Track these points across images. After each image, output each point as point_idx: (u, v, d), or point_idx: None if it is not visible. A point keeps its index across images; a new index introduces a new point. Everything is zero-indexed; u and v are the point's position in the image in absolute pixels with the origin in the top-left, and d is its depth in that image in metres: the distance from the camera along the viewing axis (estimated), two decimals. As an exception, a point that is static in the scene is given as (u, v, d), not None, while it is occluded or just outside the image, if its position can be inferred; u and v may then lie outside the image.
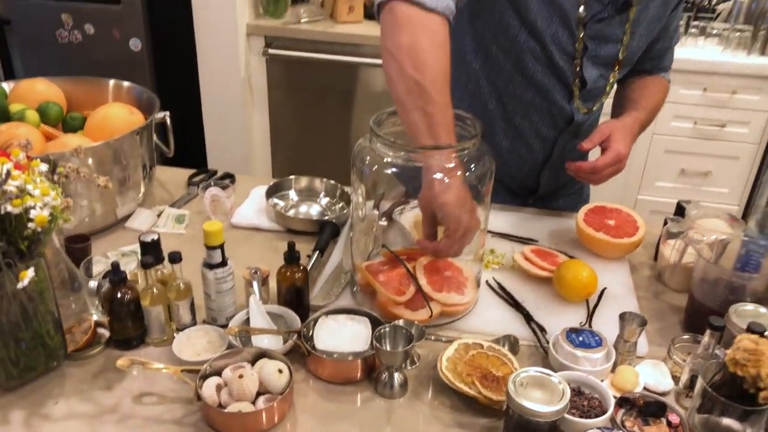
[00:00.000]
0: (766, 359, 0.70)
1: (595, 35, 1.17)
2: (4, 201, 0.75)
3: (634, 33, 1.20)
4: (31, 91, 1.33)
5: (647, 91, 1.33)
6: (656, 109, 1.34)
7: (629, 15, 1.17)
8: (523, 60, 1.17)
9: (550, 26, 1.13)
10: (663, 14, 1.24)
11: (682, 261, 1.10)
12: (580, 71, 1.19)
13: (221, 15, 2.55)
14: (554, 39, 1.14)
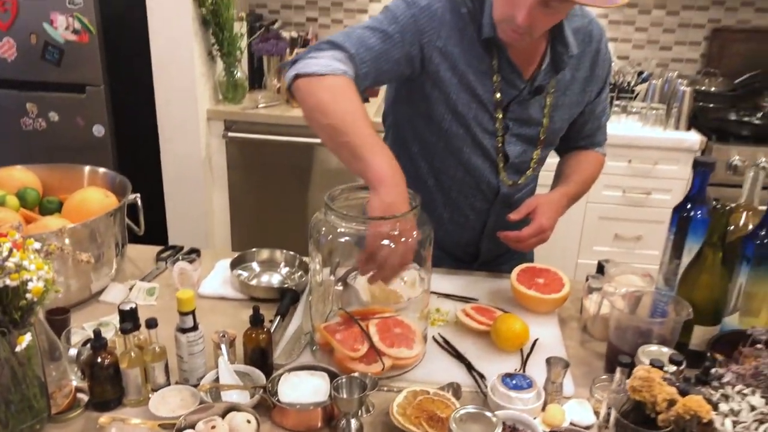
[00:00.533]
0: (657, 384, 0.85)
1: (517, 117, 1.35)
2: (3, 275, 0.86)
3: (553, 116, 1.39)
4: (8, 177, 1.44)
5: (580, 166, 1.50)
6: (589, 181, 1.51)
7: (546, 101, 1.37)
8: (451, 142, 1.34)
9: (470, 111, 1.31)
10: (582, 100, 1.42)
11: (601, 312, 1.26)
12: (502, 147, 1.36)
13: (183, 101, 2.72)
14: (476, 121, 1.32)
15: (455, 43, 1.28)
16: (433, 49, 1.27)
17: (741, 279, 1.15)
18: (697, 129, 2.73)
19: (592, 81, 1.40)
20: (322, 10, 3.23)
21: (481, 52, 1.29)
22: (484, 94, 1.31)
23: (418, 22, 1.25)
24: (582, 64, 1.37)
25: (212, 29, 2.71)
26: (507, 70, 1.31)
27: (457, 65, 1.29)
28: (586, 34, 1.35)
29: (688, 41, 3.11)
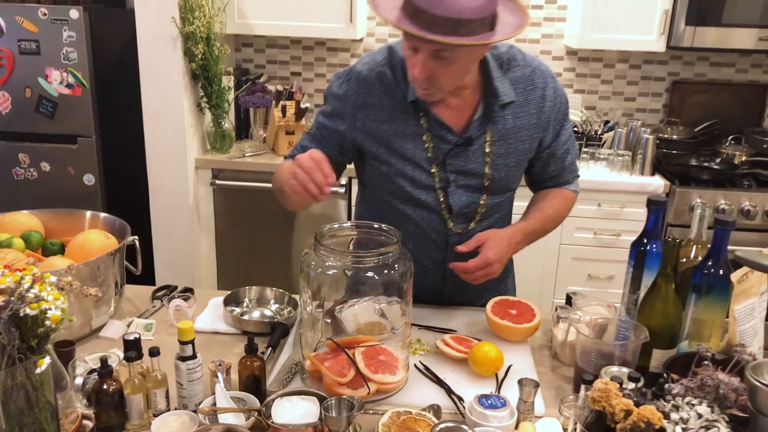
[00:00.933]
0: (614, 395, 0.95)
1: (457, 170, 1.42)
2: (24, 305, 0.94)
3: (496, 165, 1.43)
4: (13, 221, 1.53)
5: (542, 203, 1.55)
6: (553, 216, 1.55)
7: (486, 150, 1.41)
8: (397, 200, 1.46)
9: (405, 172, 1.42)
10: (531, 147, 1.45)
11: (568, 339, 1.37)
12: (445, 200, 1.43)
13: (173, 151, 2.84)
14: (413, 180, 1.42)
15: (376, 117, 1.41)
16: (354, 130, 1.43)
17: (691, 307, 1.27)
18: (661, 174, 2.90)
19: (539, 127, 1.44)
20: (305, 65, 3.40)
21: (411, 114, 1.39)
22: (417, 153, 1.41)
23: (339, 109, 1.44)
24: (525, 111, 1.42)
25: (201, 83, 2.85)
26: (436, 128, 1.40)
27: (381, 135, 1.42)
28: (528, 82, 1.41)
29: (651, 93, 3.32)
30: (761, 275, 1.26)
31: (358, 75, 1.42)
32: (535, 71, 1.43)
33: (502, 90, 1.38)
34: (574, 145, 1.57)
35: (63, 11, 2.76)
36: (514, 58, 1.41)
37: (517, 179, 1.52)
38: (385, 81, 1.40)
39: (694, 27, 2.81)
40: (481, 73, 1.39)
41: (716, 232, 1.24)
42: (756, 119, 3.27)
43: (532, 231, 1.50)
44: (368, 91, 1.41)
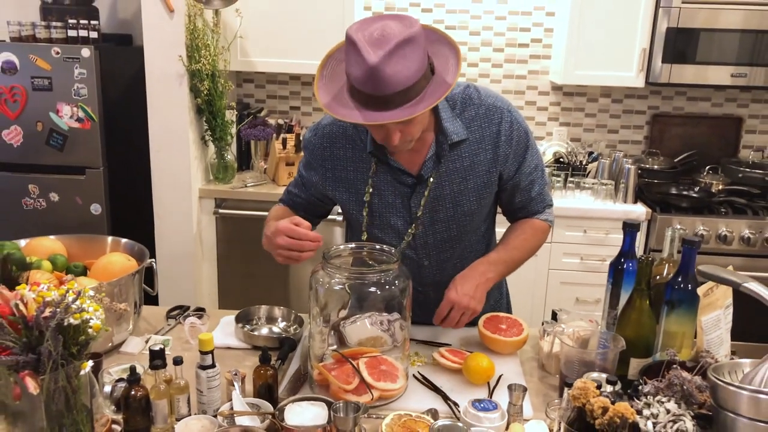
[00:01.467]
0: (591, 393, 1.07)
1: (423, 213, 1.53)
2: (68, 315, 1.06)
3: (458, 200, 1.52)
4: (39, 245, 1.65)
5: (510, 234, 1.63)
6: (519, 246, 1.60)
7: (446, 189, 1.51)
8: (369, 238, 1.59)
9: (372, 222, 1.57)
10: (490, 180, 1.53)
11: (554, 351, 1.49)
12: (414, 241, 1.57)
13: (178, 182, 2.96)
14: (381, 224, 1.58)
15: (342, 167, 1.56)
16: (326, 180, 1.59)
17: (663, 319, 1.40)
18: (643, 202, 3.05)
19: (497, 161, 1.51)
20: (304, 100, 3.56)
21: (368, 160, 1.53)
22: (382, 198, 1.53)
23: (312, 161, 1.60)
24: (482, 147, 1.50)
25: (206, 117, 3.00)
26: (395, 173, 1.51)
27: (344, 185, 1.57)
28: (483, 120, 1.49)
29: (632, 125, 3.49)
30: (726, 290, 1.39)
31: (323, 129, 1.57)
32: (489, 108, 1.50)
33: (452, 130, 1.47)
34: (542, 175, 1.62)
35: (75, 50, 2.92)
36: (470, 98, 1.50)
37: (482, 214, 1.59)
38: (347, 133, 1.54)
39: (670, 64, 3.00)
40: (433, 116, 1.48)
41: (684, 251, 1.38)
42: (732, 150, 3.45)
43: (498, 260, 1.56)
44: (333, 143, 1.55)
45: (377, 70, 1.22)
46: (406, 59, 1.24)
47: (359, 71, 1.24)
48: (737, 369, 1.15)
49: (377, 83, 1.23)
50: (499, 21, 3.37)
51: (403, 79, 1.24)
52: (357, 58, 1.23)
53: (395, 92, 1.25)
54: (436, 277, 1.62)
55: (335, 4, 3.04)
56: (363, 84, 1.25)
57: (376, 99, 1.26)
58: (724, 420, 1.07)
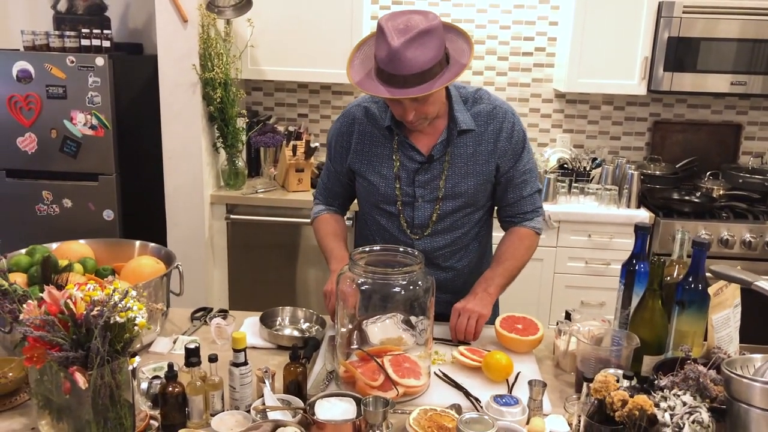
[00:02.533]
0: (612, 386, 1.13)
1: (423, 184, 1.70)
2: (114, 313, 1.12)
3: (457, 182, 1.69)
4: (69, 249, 1.71)
5: (502, 245, 1.78)
6: (514, 255, 1.75)
7: (444, 167, 1.69)
8: (373, 210, 1.79)
9: (379, 184, 1.73)
10: (489, 170, 1.70)
11: (569, 349, 1.55)
12: (403, 212, 1.73)
13: (190, 189, 3.02)
14: (381, 193, 1.74)
15: (360, 140, 1.75)
16: (351, 152, 1.76)
17: (675, 318, 1.46)
18: (646, 207, 3.12)
19: (496, 153, 1.69)
20: (311, 107, 3.62)
21: (387, 136, 1.72)
22: (388, 170, 1.72)
23: (336, 145, 1.80)
24: (484, 139, 1.69)
25: (218, 124, 3.06)
26: (406, 148, 1.70)
27: (364, 155, 1.74)
28: (489, 116, 1.69)
29: (634, 132, 3.57)
30: (735, 289, 1.46)
31: (348, 111, 1.80)
32: (496, 108, 1.71)
33: (461, 119, 1.68)
34: (535, 180, 1.79)
35: (89, 59, 2.98)
36: (480, 97, 1.72)
37: (476, 198, 1.74)
38: (368, 112, 1.75)
39: (671, 72, 3.07)
40: (446, 106, 1.68)
41: (694, 253, 1.44)
42: (731, 156, 3.52)
43: (494, 274, 1.72)
44: (355, 119, 1.77)
45: (398, 53, 1.44)
46: (424, 47, 1.45)
47: (384, 53, 1.46)
48: (749, 363, 1.20)
49: (397, 64, 1.45)
50: (504, 30, 3.44)
51: (420, 63, 1.45)
52: (383, 42, 1.46)
53: (412, 74, 1.46)
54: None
55: (344, 14, 3.11)
56: (386, 64, 1.47)
57: (396, 78, 1.47)
58: (737, 411, 1.12)
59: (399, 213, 1.74)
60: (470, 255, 1.82)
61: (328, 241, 1.81)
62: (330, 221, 1.87)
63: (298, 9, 3.11)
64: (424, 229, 1.75)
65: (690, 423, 1.11)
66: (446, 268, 1.79)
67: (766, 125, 3.51)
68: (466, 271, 1.82)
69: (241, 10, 2.95)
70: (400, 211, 1.74)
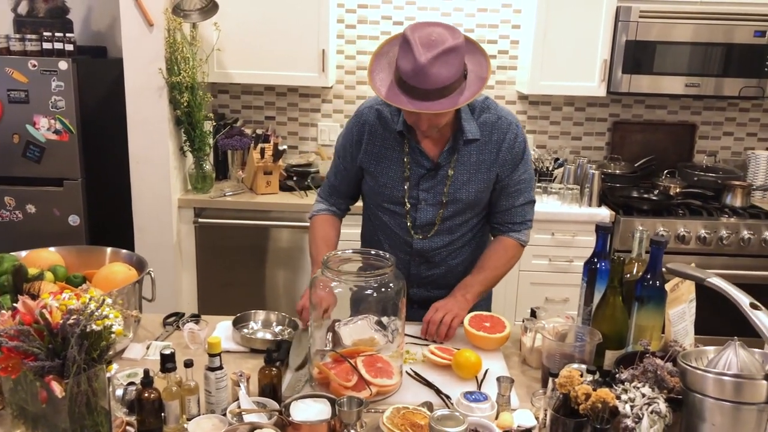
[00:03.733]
0: (576, 380, 1.19)
1: (427, 189, 1.78)
2: (91, 322, 1.13)
3: (459, 188, 1.76)
4: (39, 257, 1.70)
5: (485, 254, 1.84)
6: (494, 266, 1.82)
7: (449, 173, 1.76)
8: (379, 210, 1.86)
9: (387, 184, 1.80)
10: (489, 178, 1.77)
11: (535, 345, 1.60)
12: (410, 211, 1.80)
13: (157, 193, 3.01)
14: (390, 194, 1.81)
15: (371, 141, 1.80)
16: (361, 152, 1.81)
17: (635, 314, 1.52)
18: (607, 205, 3.22)
19: (497, 163, 1.76)
20: (279, 110, 3.63)
21: (398, 140, 1.78)
22: (397, 173, 1.78)
23: (346, 144, 1.85)
24: (488, 149, 1.75)
25: (184, 128, 3.05)
26: (417, 155, 1.76)
27: (374, 155, 1.80)
28: (492, 126, 1.75)
29: (595, 132, 3.67)
30: (689, 285, 1.53)
31: (360, 112, 1.85)
32: (501, 119, 1.77)
33: (468, 129, 1.73)
34: (530, 192, 1.84)
35: (52, 63, 2.94)
36: (488, 107, 1.78)
37: (478, 204, 1.82)
38: (380, 115, 1.80)
39: (629, 75, 3.17)
40: (455, 115, 1.73)
41: (652, 251, 1.51)
42: (687, 155, 3.65)
43: (473, 282, 1.79)
44: (366, 121, 1.82)
45: (424, 69, 1.49)
46: (448, 64, 1.50)
47: (410, 66, 1.51)
48: (702, 355, 1.27)
49: (422, 78, 1.50)
50: (468, 33, 3.49)
51: (443, 79, 1.51)
52: (409, 55, 1.51)
53: (435, 89, 1.51)
54: (413, 251, 1.85)
55: (310, 17, 3.13)
56: (410, 78, 1.51)
57: (417, 90, 1.52)
58: (692, 401, 1.19)
59: (405, 213, 1.81)
60: (465, 254, 1.90)
61: (318, 245, 1.85)
62: (325, 224, 1.91)
63: (264, 12, 3.12)
64: (429, 229, 1.81)
65: (648, 413, 1.17)
66: (440, 264, 1.87)
67: (719, 125, 3.65)
68: (460, 269, 1.88)
69: (207, 13, 2.95)
70: (407, 211, 1.80)
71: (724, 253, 3.10)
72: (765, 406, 1.12)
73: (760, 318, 1.15)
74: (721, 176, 3.39)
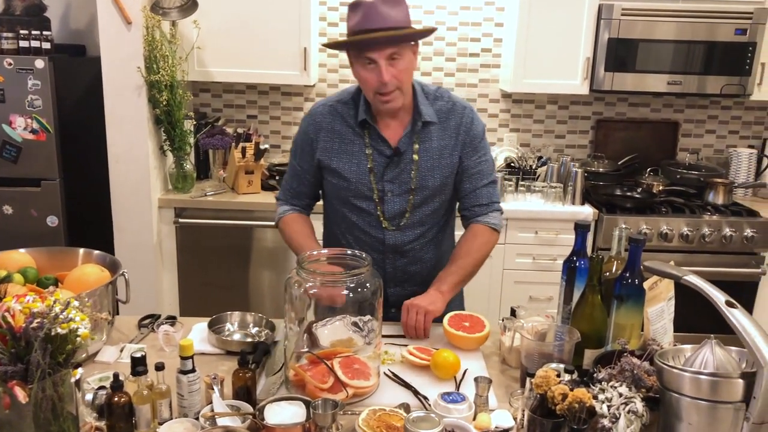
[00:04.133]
0: (552, 380, 1.17)
1: (392, 179, 1.78)
2: (55, 325, 1.10)
3: (424, 175, 1.77)
4: (9, 259, 1.66)
5: (459, 243, 1.85)
6: (469, 254, 1.81)
7: (413, 159, 1.77)
8: (345, 208, 1.83)
9: (351, 180, 1.78)
10: (452, 162, 1.80)
11: (514, 345, 1.59)
12: (381, 206, 1.79)
13: (137, 193, 2.97)
14: (356, 189, 1.79)
15: (329, 138, 1.80)
16: (318, 150, 1.81)
17: (614, 312, 1.51)
18: (590, 203, 3.21)
19: (458, 145, 1.80)
20: (261, 109, 3.60)
21: (358, 132, 1.78)
22: (360, 166, 1.78)
23: (302, 144, 1.85)
24: (447, 133, 1.79)
25: (164, 127, 3.01)
26: (377, 142, 1.77)
27: (334, 152, 1.79)
28: (447, 112, 1.80)
29: (578, 130, 3.67)
30: (668, 284, 1.52)
31: (313, 112, 1.86)
32: (456, 104, 1.83)
33: (426, 112, 1.77)
34: (492, 173, 1.88)
35: (29, 61, 2.89)
36: (441, 96, 1.83)
37: (441, 193, 1.83)
38: (335, 111, 1.82)
39: (612, 73, 3.17)
40: (412, 99, 1.77)
41: (631, 249, 1.50)
42: (670, 153, 3.66)
43: (448, 273, 1.78)
44: (322, 119, 1.82)
45: (374, 7, 1.59)
46: (396, 6, 1.62)
47: (359, 14, 1.60)
48: (679, 354, 1.26)
49: (375, 17, 1.58)
50: (451, 32, 3.49)
51: (394, 18, 1.60)
52: (356, 8, 1.62)
53: (388, 26, 1.59)
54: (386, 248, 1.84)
55: (292, 15, 3.10)
56: (363, 23, 1.60)
57: (373, 34, 1.58)
58: (669, 400, 1.18)
59: (374, 207, 1.81)
60: (435, 248, 1.89)
61: (299, 238, 1.84)
62: (297, 220, 1.90)
63: (245, 10, 3.09)
64: (400, 220, 1.82)
65: (625, 413, 1.16)
66: (414, 260, 1.86)
67: (701, 123, 3.66)
68: (433, 263, 1.89)
69: (186, 11, 2.92)
70: (375, 204, 1.80)
71: (707, 250, 3.10)
72: (741, 405, 1.11)
73: (736, 316, 1.14)
74: (703, 174, 3.40)
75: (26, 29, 2.99)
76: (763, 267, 3.11)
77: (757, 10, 3.08)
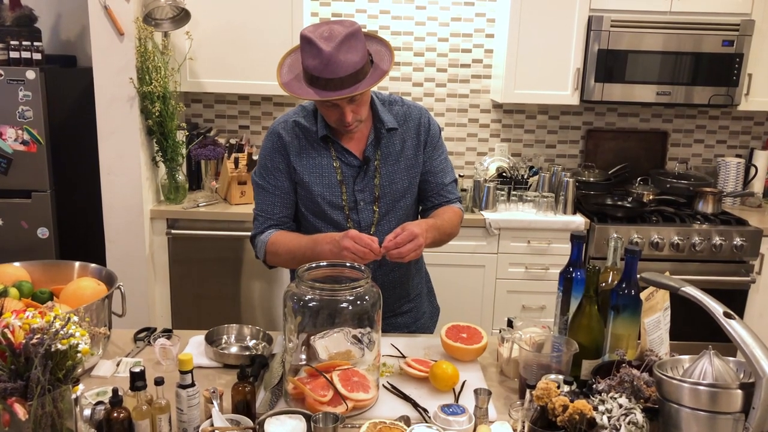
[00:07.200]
0: (553, 392, 1.18)
1: (362, 189, 1.79)
2: (56, 341, 1.09)
3: (392, 179, 1.79)
4: (3, 273, 1.65)
5: (439, 211, 1.87)
6: (449, 222, 1.83)
7: (377, 165, 1.78)
8: (317, 220, 1.81)
9: (323, 193, 1.77)
10: (417, 162, 1.83)
11: (512, 356, 1.60)
12: (350, 216, 1.80)
13: (129, 205, 2.95)
14: (327, 201, 1.78)
15: (296, 153, 1.78)
16: (287, 166, 1.79)
17: (610, 323, 1.52)
18: (581, 212, 3.24)
19: (420, 146, 1.84)
20: (253, 119, 3.60)
21: (323, 146, 1.78)
22: (330, 178, 1.78)
23: (272, 163, 1.79)
24: (408, 136, 1.82)
25: (157, 138, 3.00)
26: (343, 154, 1.78)
27: (305, 169, 1.78)
28: (405, 116, 1.83)
29: (569, 140, 3.70)
30: (664, 294, 1.54)
31: (274, 131, 1.82)
32: (411, 107, 1.86)
33: (386, 119, 1.80)
34: (452, 172, 1.94)
35: (19, 72, 2.88)
36: (395, 101, 1.86)
37: (408, 194, 1.85)
38: (297, 127, 1.79)
39: (602, 83, 3.20)
40: (371, 109, 1.79)
41: (627, 260, 1.51)
42: (659, 162, 3.70)
43: (430, 225, 1.72)
44: (286, 134, 1.79)
45: (332, 57, 1.53)
46: (352, 49, 1.56)
47: (316, 60, 1.55)
48: (678, 365, 1.27)
49: (334, 67, 1.54)
50: (442, 42, 3.52)
51: (352, 64, 1.56)
52: (313, 51, 1.55)
53: (347, 75, 1.56)
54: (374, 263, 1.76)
55: (283, 26, 3.11)
56: (321, 70, 1.55)
57: (332, 82, 1.56)
58: (668, 410, 1.19)
59: (346, 218, 1.80)
60: None
61: (298, 242, 1.74)
62: (284, 234, 1.79)
63: (237, 21, 3.09)
64: (373, 228, 1.81)
65: (626, 424, 1.17)
66: (395, 266, 1.83)
67: (690, 133, 3.70)
68: (416, 268, 1.96)
69: (179, 22, 2.92)
70: (347, 215, 1.80)
71: (697, 259, 3.13)
72: (740, 416, 1.13)
73: (735, 327, 1.15)
74: (692, 183, 3.44)
75: (17, 40, 2.97)
76: (753, 275, 3.14)
77: (743, 21, 3.13)
